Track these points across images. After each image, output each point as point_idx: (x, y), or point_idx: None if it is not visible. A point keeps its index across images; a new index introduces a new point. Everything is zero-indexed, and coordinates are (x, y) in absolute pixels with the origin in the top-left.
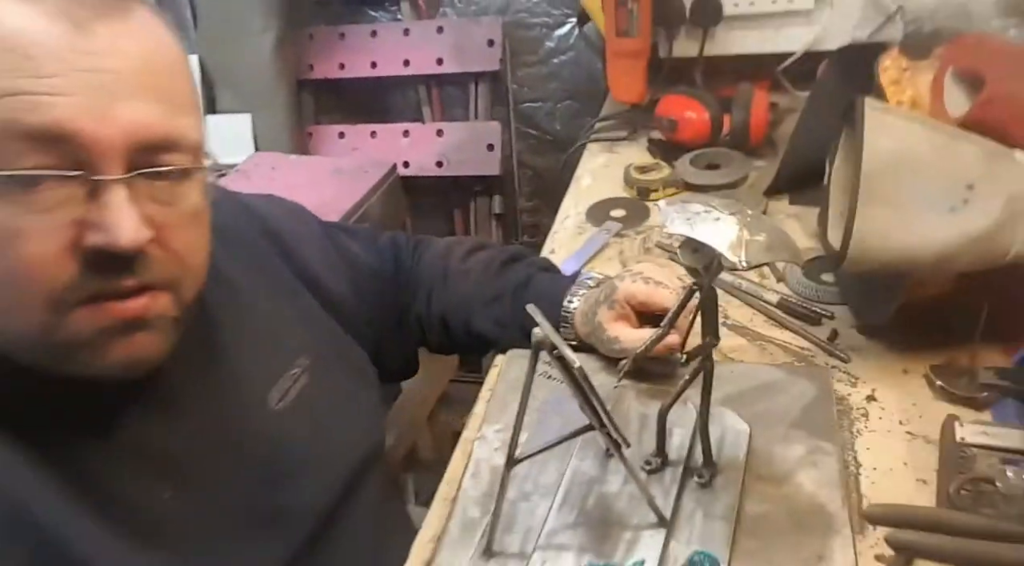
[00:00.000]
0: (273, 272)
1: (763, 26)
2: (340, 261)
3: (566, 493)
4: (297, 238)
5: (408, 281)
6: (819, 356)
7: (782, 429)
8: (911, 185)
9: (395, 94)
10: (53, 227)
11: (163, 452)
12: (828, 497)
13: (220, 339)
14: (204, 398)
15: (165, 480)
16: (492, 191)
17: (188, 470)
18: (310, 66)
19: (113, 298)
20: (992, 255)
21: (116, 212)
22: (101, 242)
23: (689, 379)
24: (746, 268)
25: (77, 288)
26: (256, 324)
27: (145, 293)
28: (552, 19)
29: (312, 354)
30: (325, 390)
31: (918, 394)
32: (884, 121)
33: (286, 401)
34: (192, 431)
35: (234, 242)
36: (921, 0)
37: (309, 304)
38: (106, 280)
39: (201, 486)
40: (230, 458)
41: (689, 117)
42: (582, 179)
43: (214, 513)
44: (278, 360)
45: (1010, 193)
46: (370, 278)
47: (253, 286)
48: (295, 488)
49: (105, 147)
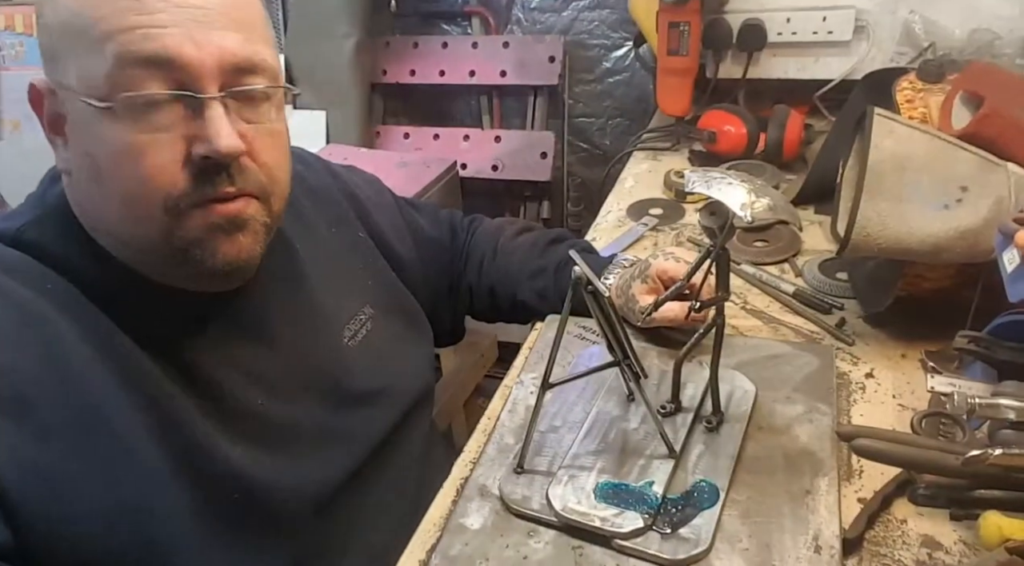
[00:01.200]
0: (350, 229)
1: (803, 54)
2: (407, 229)
3: (590, 427)
4: (373, 204)
5: (462, 252)
6: (826, 339)
7: (785, 391)
8: (910, 182)
9: (459, 101)
10: (168, 142)
11: (253, 365)
12: (819, 447)
13: (302, 270)
14: (287, 323)
15: (257, 388)
16: (541, 196)
17: (273, 384)
18: (384, 71)
19: (217, 202)
20: (979, 250)
21: (216, 124)
22: (205, 151)
23: (703, 332)
24: (751, 223)
25: (189, 194)
26: (333, 269)
27: (241, 198)
28: (610, 41)
29: (376, 304)
30: (387, 336)
31: (913, 375)
32: (890, 126)
33: (355, 340)
34: (276, 352)
35: (320, 198)
36: (952, 36)
37: (377, 261)
38: (212, 185)
39: (286, 399)
40: (308, 380)
41: (728, 130)
42: (626, 181)
43: (295, 424)
44: (349, 303)
45: (998, 196)
46: (429, 246)
47: (332, 237)
48: (361, 414)
49: (203, 70)
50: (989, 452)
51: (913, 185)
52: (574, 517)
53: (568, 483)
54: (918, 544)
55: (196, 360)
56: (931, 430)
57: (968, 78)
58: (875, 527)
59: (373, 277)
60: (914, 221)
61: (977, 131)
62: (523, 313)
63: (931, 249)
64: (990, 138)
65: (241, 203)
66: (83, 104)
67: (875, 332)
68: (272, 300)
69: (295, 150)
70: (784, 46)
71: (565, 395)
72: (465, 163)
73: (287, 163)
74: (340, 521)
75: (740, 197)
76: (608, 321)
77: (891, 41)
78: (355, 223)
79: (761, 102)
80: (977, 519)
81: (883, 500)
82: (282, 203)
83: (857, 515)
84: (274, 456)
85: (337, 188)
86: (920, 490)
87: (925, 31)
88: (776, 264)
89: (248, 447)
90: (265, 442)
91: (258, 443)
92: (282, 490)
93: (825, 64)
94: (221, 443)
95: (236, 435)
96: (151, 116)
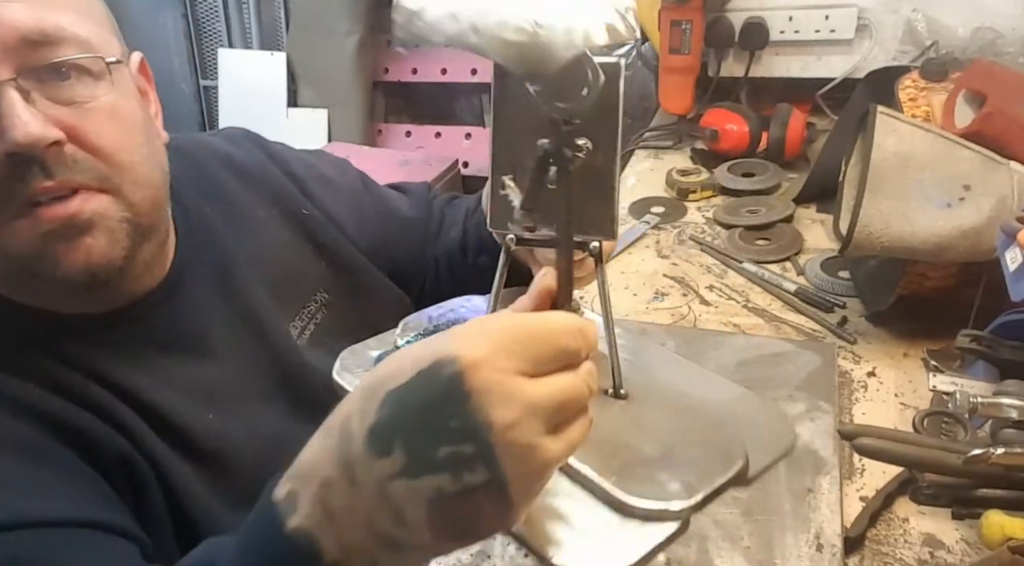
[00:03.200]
0: (292, 205)
1: (806, 52)
2: (373, 210)
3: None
4: (324, 181)
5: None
6: (828, 337)
7: (787, 390)
8: (913, 181)
9: (460, 100)
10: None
11: (190, 379)
12: (821, 445)
13: (232, 263)
14: (222, 326)
15: (202, 402)
16: None
17: (218, 396)
18: (385, 69)
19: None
20: (981, 249)
21: (9, 113)
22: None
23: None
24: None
25: (7, 200)
26: (273, 256)
27: (77, 195)
28: None
29: (333, 288)
30: (346, 324)
31: (915, 373)
32: (893, 125)
33: (304, 337)
34: (215, 360)
35: (253, 177)
36: (955, 34)
37: (331, 237)
38: (23, 183)
39: (237, 411)
40: (258, 388)
41: (730, 129)
42: (628, 179)
43: (252, 437)
44: (297, 293)
45: (1001, 194)
46: (402, 228)
47: (272, 218)
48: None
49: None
50: (991, 451)
51: (916, 184)
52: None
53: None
54: (920, 543)
55: (129, 385)
56: (933, 429)
57: (971, 77)
58: (877, 526)
59: (326, 257)
60: (916, 220)
61: (980, 130)
62: (462, 267)
63: (933, 248)
64: (993, 137)
65: (77, 200)
66: None
67: (877, 331)
68: (198, 303)
69: (227, 130)
70: (786, 44)
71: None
72: (467, 161)
73: (139, 144)
74: None
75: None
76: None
77: (894, 39)
78: (298, 199)
79: (763, 101)
80: (979, 518)
81: (885, 499)
82: (147, 192)
83: (859, 514)
84: (229, 476)
85: (273, 164)
86: (922, 489)
87: (928, 29)
88: (778, 262)
89: (201, 466)
90: (220, 459)
91: (212, 462)
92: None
93: (827, 62)
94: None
95: (188, 454)
96: None
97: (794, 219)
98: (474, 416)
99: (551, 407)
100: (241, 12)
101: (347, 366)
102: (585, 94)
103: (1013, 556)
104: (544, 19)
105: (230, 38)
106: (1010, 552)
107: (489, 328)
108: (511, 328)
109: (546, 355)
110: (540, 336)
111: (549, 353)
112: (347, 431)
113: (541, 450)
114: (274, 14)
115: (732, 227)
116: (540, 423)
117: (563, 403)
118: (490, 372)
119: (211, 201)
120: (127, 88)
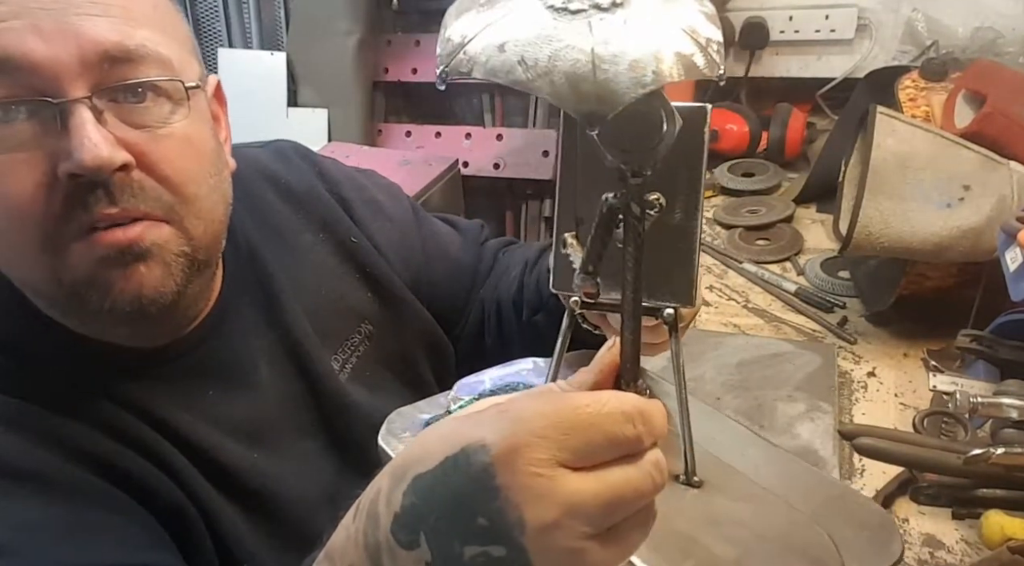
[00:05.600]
0: (339, 231)
1: (806, 52)
2: (419, 245)
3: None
4: (375, 208)
5: (484, 275)
6: (828, 337)
7: (787, 390)
8: (913, 181)
9: (460, 100)
10: (27, 162)
11: (233, 415)
12: (821, 444)
13: (277, 294)
14: (265, 361)
15: (247, 441)
16: (543, 195)
17: (262, 434)
18: (385, 69)
19: (101, 230)
20: (981, 249)
21: (79, 132)
22: (70, 168)
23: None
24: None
25: (65, 222)
26: (318, 285)
27: (139, 222)
28: None
29: (378, 320)
30: (385, 357)
31: (915, 373)
32: (892, 125)
33: (346, 371)
34: (257, 395)
35: (303, 201)
36: (955, 34)
37: (380, 268)
38: (84, 208)
39: (281, 452)
40: (301, 426)
41: (730, 129)
42: None
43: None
44: (340, 325)
45: (1000, 194)
46: (449, 269)
47: (320, 244)
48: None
49: (58, 68)
50: (991, 451)
51: (915, 184)
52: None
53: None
54: (920, 543)
55: (175, 425)
56: (933, 429)
57: (971, 77)
58: None
59: (372, 287)
60: (916, 220)
61: (980, 130)
62: (508, 322)
63: (933, 248)
64: (992, 137)
65: (139, 228)
66: None
67: (877, 331)
68: (243, 333)
69: (276, 144)
70: (786, 44)
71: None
72: (467, 161)
73: (208, 175)
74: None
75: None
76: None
77: (894, 39)
78: (347, 224)
79: (763, 100)
80: (979, 518)
81: (885, 499)
82: (209, 226)
83: None
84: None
85: (322, 185)
86: (922, 489)
87: (928, 29)
88: (778, 263)
89: (247, 506)
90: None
91: (259, 502)
92: (286, 556)
93: (827, 62)
94: (224, 506)
95: (234, 494)
96: (6, 132)
97: (794, 219)
98: (505, 515)
99: (598, 506)
100: (241, 12)
101: (393, 431)
102: (657, 142)
103: (1013, 556)
104: (605, 51)
105: (230, 38)
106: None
107: (527, 412)
108: (554, 413)
109: (596, 444)
110: (589, 422)
111: (600, 442)
112: (374, 515)
113: (586, 555)
114: (274, 14)
115: (732, 227)
116: (584, 525)
117: (614, 500)
118: (526, 464)
119: (256, 223)
120: (202, 115)
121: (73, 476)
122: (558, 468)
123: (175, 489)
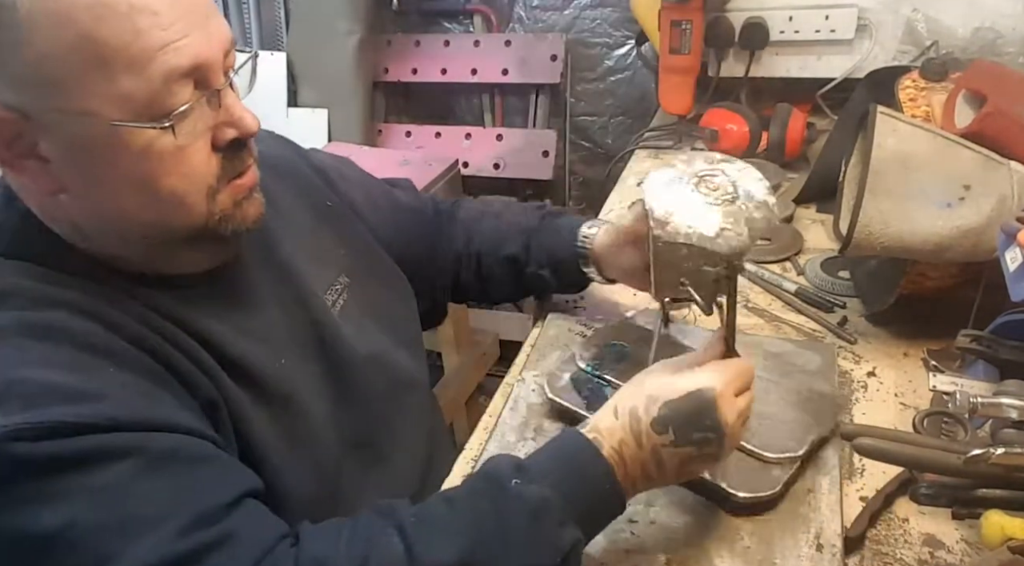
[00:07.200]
0: (317, 196)
1: (806, 52)
2: (383, 199)
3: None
4: (340, 174)
5: (446, 223)
6: (828, 337)
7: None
8: (913, 181)
9: (460, 100)
10: (203, 138)
11: (261, 331)
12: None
13: (274, 240)
14: (275, 290)
15: (274, 351)
16: (543, 194)
17: (283, 346)
18: (385, 69)
19: (237, 177)
20: (981, 249)
21: (237, 107)
22: (236, 134)
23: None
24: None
25: (222, 177)
26: (301, 241)
27: (251, 167)
28: (612, 40)
29: (353, 273)
30: (366, 307)
31: (915, 373)
32: (892, 124)
33: (335, 309)
34: (275, 316)
35: (281, 170)
36: (955, 34)
37: (350, 226)
38: (241, 162)
39: (297, 360)
40: (309, 342)
41: (730, 129)
42: (628, 179)
43: (307, 385)
44: (325, 273)
45: (1001, 194)
46: (408, 215)
47: (299, 208)
48: (358, 380)
49: (216, 63)
50: (991, 451)
51: (916, 184)
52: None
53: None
54: (920, 543)
55: (210, 335)
56: (933, 429)
57: (971, 76)
58: (877, 526)
59: (347, 245)
60: (916, 220)
61: (980, 130)
62: (510, 273)
63: (933, 248)
64: (993, 136)
65: (254, 170)
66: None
67: (877, 331)
68: (255, 269)
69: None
70: (786, 44)
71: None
72: (467, 161)
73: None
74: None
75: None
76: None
77: (894, 39)
78: (322, 190)
79: (763, 100)
80: (979, 518)
81: (885, 499)
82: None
83: (859, 514)
84: (295, 418)
85: (297, 158)
86: (922, 489)
87: (928, 29)
88: (778, 262)
89: (273, 409)
90: (290, 404)
91: (283, 406)
92: (296, 467)
93: (827, 62)
94: (252, 408)
95: (262, 398)
96: (187, 122)
97: (794, 219)
98: (718, 419)
99: (745, 410)
100: (241, 12)
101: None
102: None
103: (1013, 556)
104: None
105: None
106: (1010, 552)
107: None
108: (734, 373)
109: (744, 385)
110: (745, 374)
111: (745, 384)
112: (635, 416)
113: (739, 432)
114: (274, 14)
115: None
116: (741, 418)
117: (748, 407)
118: (727, 396)
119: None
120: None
121: (136, 357)
122: (736, 396)
123: (212, 388)
